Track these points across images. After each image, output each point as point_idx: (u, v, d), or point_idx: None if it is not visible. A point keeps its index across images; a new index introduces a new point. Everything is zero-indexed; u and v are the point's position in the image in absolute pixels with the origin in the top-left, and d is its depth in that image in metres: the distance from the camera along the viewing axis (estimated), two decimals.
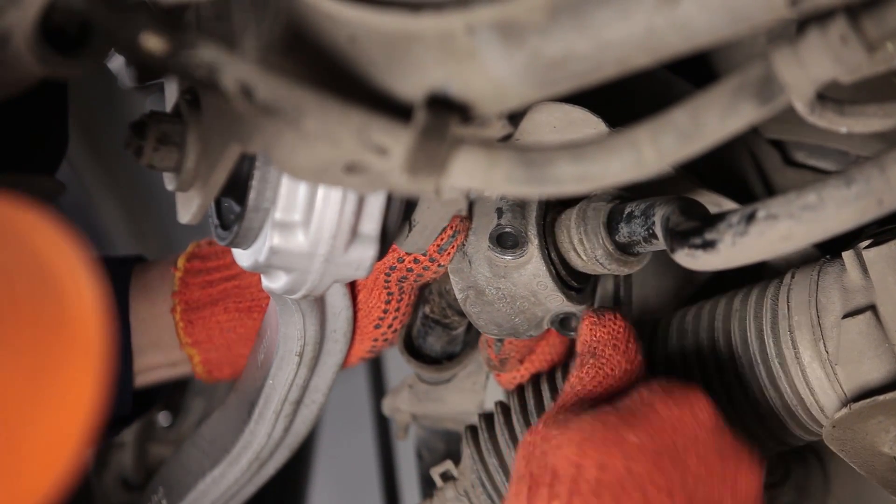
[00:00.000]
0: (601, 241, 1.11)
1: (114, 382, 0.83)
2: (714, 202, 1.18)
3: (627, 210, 1.10)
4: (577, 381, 1.11)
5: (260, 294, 1.30)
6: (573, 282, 1.15)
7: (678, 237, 0.96)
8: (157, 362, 1.35)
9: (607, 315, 1.12)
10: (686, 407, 1.04)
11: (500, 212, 1.13)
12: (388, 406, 1.41)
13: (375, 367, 2.14)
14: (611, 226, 1.11)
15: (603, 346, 1.12)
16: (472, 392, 1.36)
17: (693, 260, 0.95)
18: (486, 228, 1.14)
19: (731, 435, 1.04)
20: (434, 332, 1.30)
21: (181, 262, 1.34)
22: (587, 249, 1.12)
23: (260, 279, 1.24)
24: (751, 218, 0.90)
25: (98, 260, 0.78)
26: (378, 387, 2.14)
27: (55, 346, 0.76)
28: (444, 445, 1.47)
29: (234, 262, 1.28)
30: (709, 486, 1.01)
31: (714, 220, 0.93)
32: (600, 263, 1.12)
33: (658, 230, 1.04)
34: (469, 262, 1.15)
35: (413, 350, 1.32)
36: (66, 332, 0.76)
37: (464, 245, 1.15)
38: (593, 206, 1.12)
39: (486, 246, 1.14)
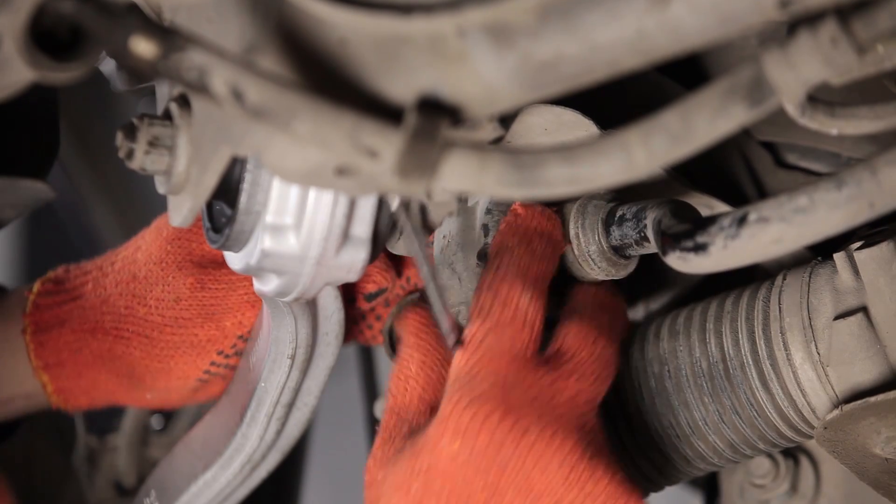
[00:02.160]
0: (597, 237, 1.11)
1: None
2: (706, 204, 1.18)
3: (619, 213, 1.10)
4: (390, 394, 1.11)
5: (103, 317, 1.29)
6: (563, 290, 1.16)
7: (669, 240, 0.96)
8: (13, 392, 1.33)
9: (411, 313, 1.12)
10: (459, 437, 1.01)
11: (486, 229, 1.14)
12: (380, 409, 1.41)
13: (368, 370, 2.14)
14: (607, 225, 1.11)
15: (405, 347, 1.12)
16: None
17: (684, 263, 0.96)
18: (474, 245, 1.14)
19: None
20: None
21: (36, 286, 1.33)
22: (581, 244, 1.12)
23: (105, 302, 1.25)
24: (742, 221, 0.90)
25: None
26: (370, 389, 2.14)
27: None
28: None
29: (81, 285, 1.30)
30: None
31: (705, 222, 0.93)
32: (591, 259, 1.12)
33: (649, 233, 1.04)
34: (459, 279, 1.15)
35: None
36: None
37: (452, 262, 1.16)
38: (594, 202, 1.12)
39: (474, 263, 1.14)
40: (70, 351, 1.31)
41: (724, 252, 0.92)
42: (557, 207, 1.14)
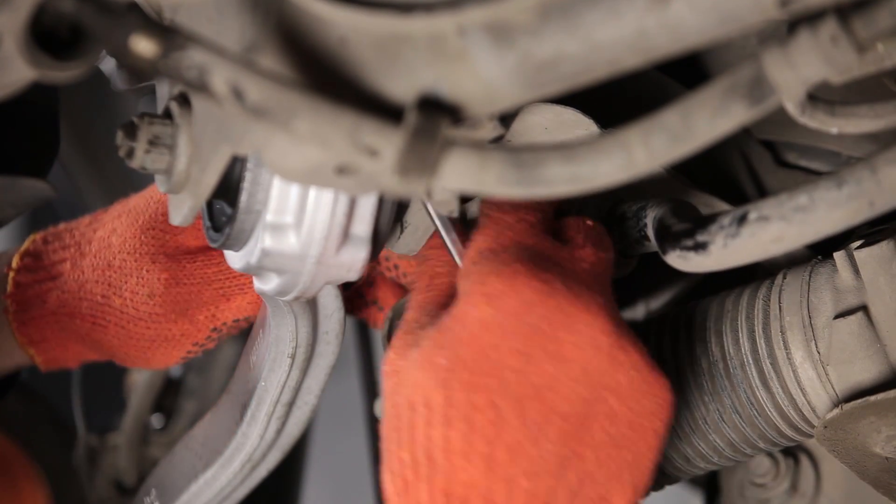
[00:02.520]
0: None
1: None
2: (706, 203, 1.19)
3: (619, 212, 1.10)
4: (414, 293, 1.07)
5: (80, 303, 1.30)
6: None
7: (670, 239, 0.96)
8: (3, 364, 1.35)
9: None
10: (488, 302, 0.97)
11: None
12: (380, 408, 1.41)
13: (368, 370, 2.14)
14: (607, 224, 1.11)
15: (429, 248, 1.09)
16: None
17: (684, 262, 0.96)
18: None
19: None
20: None
21: (15, 261, 1.33)
22: None
23: (82, 287, 1.25)
24: (742, 219, 0.90)
25: None
26: (371, 388, 2.14)
27: None
28: None
29: (60, 262, 1.30)
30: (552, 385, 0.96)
31: (705, 221, 0.93)
32: None
33: (649, 232, 1.04)
34: None
35: None
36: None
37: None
38: (594, 202, 1.12)
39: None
40: (53, 329, 1.32)
41: (724, 251, 0.92)
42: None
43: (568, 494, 0.95)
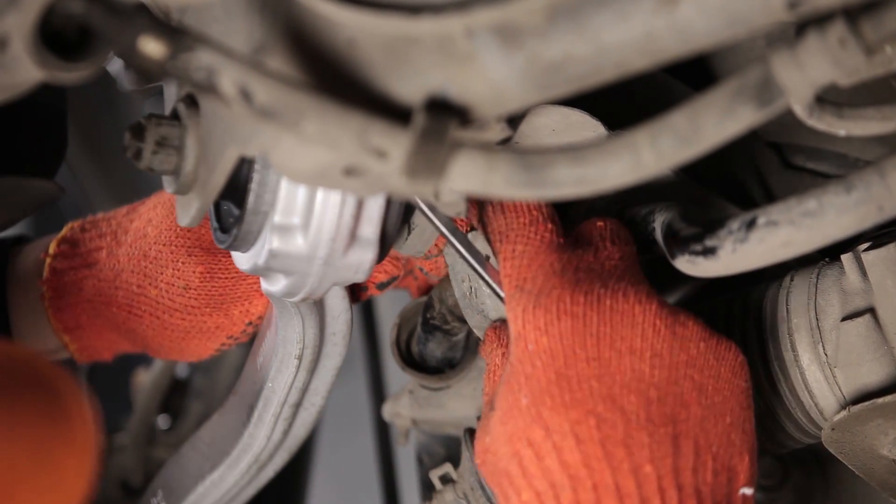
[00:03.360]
0: None
1: None
2: (714, 206, 1.18)
3: (627, 216, 1.10)
4: (483, 395, 1.10)
5: (116, 292, 1.30)
6: None
7: (678, 243, 0.96)
8: (37, 347, 1.35)
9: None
10: (543, 333, 1.00)
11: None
12: (388, 411, 1.41)
13: (375, 372, 2.14)
14: None
15: (485, 345, 1.12)
16: (472, 398, 1.36)
17: (693, 266, 0.96)
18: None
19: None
20: (434, 337, 1.30)
21: (52, 247, 1.34)
22: None
23: (118, 276, 1.26)
24: (751, 224, 0.90)
25: None
26: (378, 390, 2.14)
27: (57, 443, 0.90)
28: (444, 450, 1.47)
29: (96, 250, 1.30)
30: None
31: (714, 226, 0.93)
32: None
33: (658, 236, 1.04)
34: (483, 313, 1.15)
35: (412, 359, 1.32)
36: (67, 431, 0.91)
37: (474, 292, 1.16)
38: (602, 206, 1.12)
39: (485, 254, 1.14)
40: (88, 316, 1.32)
41: (732, 256, 0.92)
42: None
43: (690, 469, 0.96)
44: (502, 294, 1.04)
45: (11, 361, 0.93)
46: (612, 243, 1.04)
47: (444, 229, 1.06)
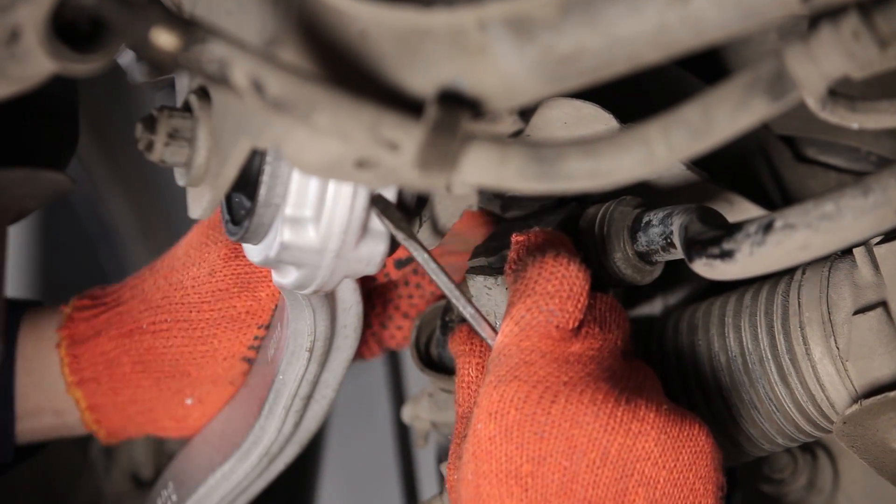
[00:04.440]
0: (622, 244, 1.10)
1: None
2: (729, 200, 1.18)
3: (645, 219, 1.09)
4: (456, 406, 1.12)
5: (141, 315, 1.30)
6: None
7: (696, 246, 0.96)
8: (40, 406, 1.34)
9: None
10: (491, 420, 1.02)
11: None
12: (408, 414, 1.41)
13: (394, 368, 2.13)
14: (633, 231, 1.10)
15: (460, 356, 1.13)
16: None
17: (711, 269, 0.95)
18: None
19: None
20: None
21: (72, 301, 1.34)
22: (608, 251, 1.11)
23: (143, 301, 1.26)
24: (768, 228, 0.90)
25: None
26: (397, 388, 2.13)
27: None
28: None
29: (118, 293, 1.32)
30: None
31: (732, 229, 0.93)
32: (617, 267, 1.11)
33: (676, 239, 1.04)
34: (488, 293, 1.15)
35: (432, 361, 1.32)
36: None
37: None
38: (620, 209, 1.11)
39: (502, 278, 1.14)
40: (106, 363, 1.31)
41: (750, 259, 0.92)
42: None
43: None
44: (466, 314, 1.07)
45: None
46: (600, 328, 1.04)
47: (411, 245, 1.06)
